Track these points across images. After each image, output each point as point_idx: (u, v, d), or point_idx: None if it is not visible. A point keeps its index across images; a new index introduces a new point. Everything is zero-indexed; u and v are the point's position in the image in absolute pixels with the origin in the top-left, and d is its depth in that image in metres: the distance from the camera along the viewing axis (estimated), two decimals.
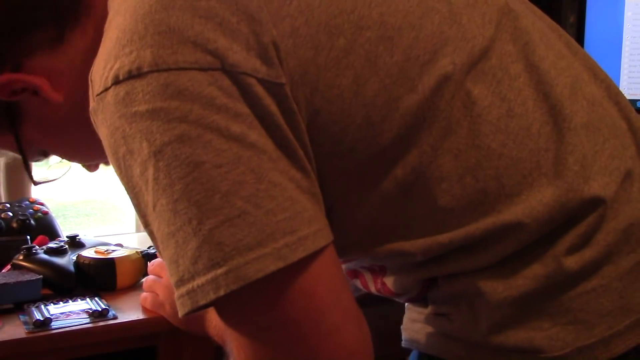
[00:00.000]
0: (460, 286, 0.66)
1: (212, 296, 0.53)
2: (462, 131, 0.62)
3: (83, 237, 1.10)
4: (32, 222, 1.15)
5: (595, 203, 0.62)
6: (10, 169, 1.42)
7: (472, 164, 0.62)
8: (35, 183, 0.78)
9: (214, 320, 0.81)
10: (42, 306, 0.90)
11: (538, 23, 0.70)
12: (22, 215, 1.16)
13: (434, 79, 0.61)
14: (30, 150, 0.75)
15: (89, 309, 0.91)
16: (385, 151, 0.61)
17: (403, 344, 0.78)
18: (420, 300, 0.73)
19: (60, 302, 0.93)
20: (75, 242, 1.07)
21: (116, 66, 0.55)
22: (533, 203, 0.62)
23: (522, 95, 0.64)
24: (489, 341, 0.65)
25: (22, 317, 0.88)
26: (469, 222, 0.63)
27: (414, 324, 0.75)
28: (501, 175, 0.62)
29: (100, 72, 0.57)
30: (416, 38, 0.62)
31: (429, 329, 0.72)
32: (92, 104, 0.59)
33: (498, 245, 0.63)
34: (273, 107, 0.57)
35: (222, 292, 0.53)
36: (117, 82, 0.55)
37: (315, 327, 0.56)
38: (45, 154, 0.79)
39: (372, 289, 0.77)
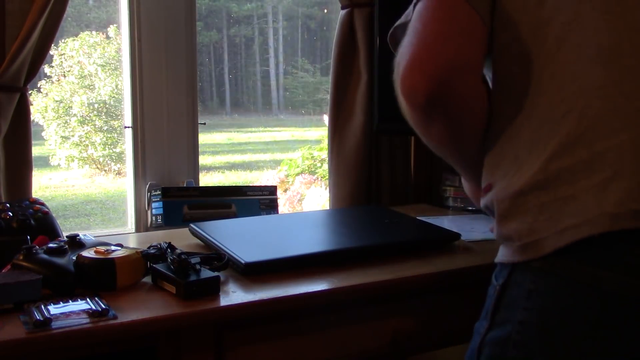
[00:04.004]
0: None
1: None
2: None
3: (83, 237, 1.10)
4: (32, 222, 1.15)
5: None
6: (10, 169, 1.42)
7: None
8: None
9: None
10: (42, 306, 0.90)
11: None
12: (22, 215, 1.15)
13: None
14: None
15: (89, 309, 0.90)
16: None
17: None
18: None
19: (60, 302, 0.93)
20: (75, 242, 1.07)
21: None
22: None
23: None
24: (499, 230, 0.85)
25: (22, 317, 0.88)
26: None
27: None
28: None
29: None
30: None
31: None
32: None
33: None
34: None
35: None
36: None
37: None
38: None
39: None
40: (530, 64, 0.85)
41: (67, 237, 1.09)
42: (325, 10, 2.80)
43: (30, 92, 1.45)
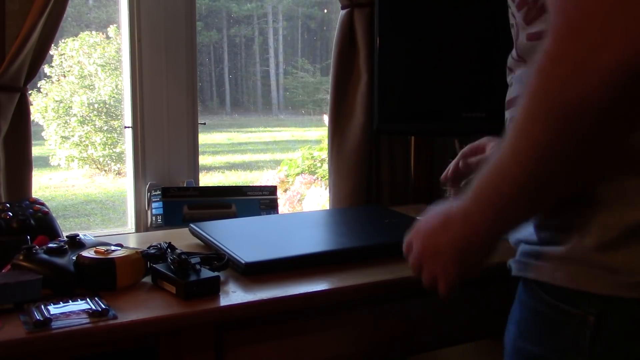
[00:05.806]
0: None
1: None
2: None
3: (83, 237, 1.10)
4: (32, 222, 1.15)
5: None
6: (10, 169, 1.42)
7: None
8: None
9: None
10: (42, 306, 0.90)
11: None
12: (22, 215, 1.16)
13: None
14: None
15: (89, 309, 0.91)
16: None
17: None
18: None
19: (60, 302, 0.93)
20: (75, 242, 1.07)
21: None
22: None
23: None
24: (592, 255, 0.73)
25: (22, 317, 0.88)
26: None
27: None
28: None
29: None
30: None
31: None
32: None
33: None
34: None
35: None
36: None
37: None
38: None
39: None
40: None
41: (67, 237, 1.09)
42: (325, 10, 2.80)
43: (30, 92, 1.45)
